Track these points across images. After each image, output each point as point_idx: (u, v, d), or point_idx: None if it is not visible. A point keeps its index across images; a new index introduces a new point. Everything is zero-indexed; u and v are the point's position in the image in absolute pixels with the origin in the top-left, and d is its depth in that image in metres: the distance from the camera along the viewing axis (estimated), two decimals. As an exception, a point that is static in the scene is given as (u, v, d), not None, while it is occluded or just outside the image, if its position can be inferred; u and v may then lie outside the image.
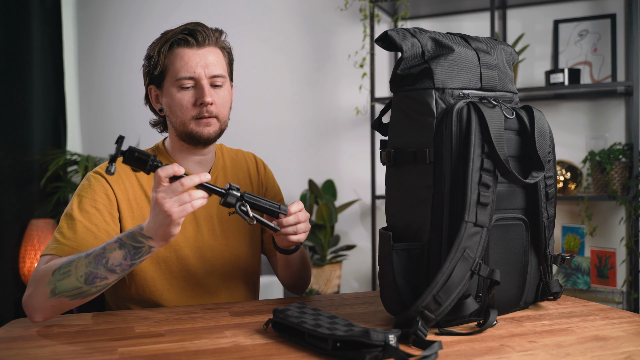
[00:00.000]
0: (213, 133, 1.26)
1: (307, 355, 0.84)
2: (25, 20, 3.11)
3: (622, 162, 2.45)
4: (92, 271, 1.03)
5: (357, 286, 3.13)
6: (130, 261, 1.04)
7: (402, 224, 1.03)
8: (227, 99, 1.28)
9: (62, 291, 1.04)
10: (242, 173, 1.39)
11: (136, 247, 1.02)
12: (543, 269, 1.11)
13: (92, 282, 1.04)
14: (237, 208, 1.03)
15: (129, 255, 1.03)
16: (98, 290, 1.06)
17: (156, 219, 0.99)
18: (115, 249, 1.03)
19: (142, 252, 1.03)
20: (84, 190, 1.22)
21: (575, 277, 2.53)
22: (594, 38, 2.66)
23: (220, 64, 1.27)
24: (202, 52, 1.25)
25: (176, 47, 1.25)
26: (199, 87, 1.23)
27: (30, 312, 1.06)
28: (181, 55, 1.24)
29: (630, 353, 0.84)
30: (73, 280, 1.03)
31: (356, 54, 3.05)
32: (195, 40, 1.24)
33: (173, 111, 1.25)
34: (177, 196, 0.97)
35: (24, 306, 1.08)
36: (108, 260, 1.03)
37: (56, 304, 1.05)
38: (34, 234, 2.95)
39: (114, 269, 1.03)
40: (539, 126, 1.03)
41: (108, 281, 1.05)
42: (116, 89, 3.58)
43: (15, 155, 3.04)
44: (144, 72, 1.30)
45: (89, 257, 1.04)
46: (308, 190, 3.05)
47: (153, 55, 1.26)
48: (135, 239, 1.02)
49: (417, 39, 1.02)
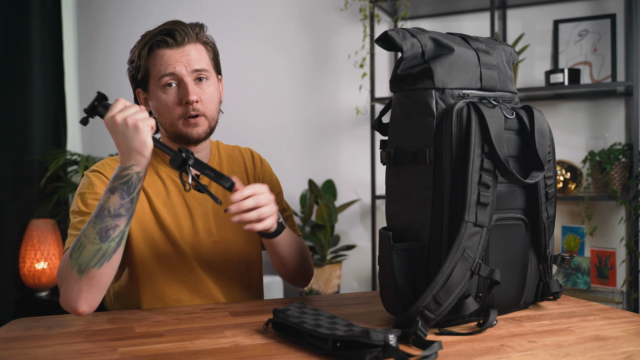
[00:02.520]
0: (202, 133, 1.26)
1: (307, 355, 0.85)
2: (25, 20, 3.11)
3: (622, 162, 2.45)
4: (101, 227, 1.04)
5: (357, 286, 3.13)
6: (129, 197, 1.06)
7: (402, 224, 1.03)
8: (213, 94, 1.27)
9: (87, 263, 1.04)
10: (238, 167, 1.39)
11: (125, 181, 1.05)
12: (543, 269, 1.11)
13: (107, 236, 1.05)
14: (180, 172, 1.04)
15: (124, 192, 1.05)
16: (117, 242, 1.06)
17: (125, 137, 1.04)
18: (110, 197, 1.05)
19: (132, 182, 1.05)
20: (84, 188, 1.23)
21: (575, 277, 2.53)
22: (594, 38, 2.66)
23: (203, 59, 1.26)
24: (183, 50, 1.24)
25: (156, 48, 1.24)
26: (182, 85, 1.23)
27: (72, 305, 1.06)
28: (161, 56, 1.24)
29: (630, 353, 0.84)
30: (89, 246, 1.04)
31: (356, 54, 3.05)
32: (174, 40, 1.24)
33: (161, 113, 1.26)
34: (133, 109, 1.05)
35: (64, 305, 1.08)
36: (109, 209, 1.05)
37: (88, 280, 1.05)
38: (34, 234, 2.95)
39: (118, 212, 1.05)
40: (539, 126, 1.03)
41: (121, 228, 1.06)
42: (116, 89, 3.58)
43: (15, 155, 3.04)
44: (129, 76, 1.31)
45: (92, 220, 1.06)
46: (308, 190, 3.05)
47: (134, 60, 1.27)
48: (119, 177, 1.06)
49: (417, 39, 1.02)
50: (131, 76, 1.31)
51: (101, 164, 1.28)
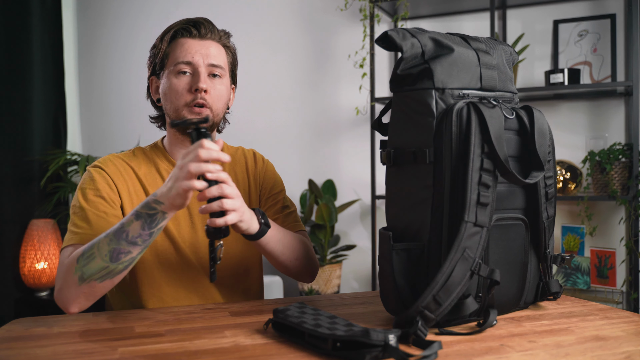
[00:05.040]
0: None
1: (307, 355, 0.85)
2: (25, 20, 3.11)
3: (621, 162, 2.45)
4: (115, 247, 1.04)
5: (357, 286, 3.13)
6: (149, 230, 1.04)
7: (402, 224, 1.03)
8: (223, 92, 1.28)
9: (91, 275, 1.05)
10: (241, 168, 1.39)
11: (150, 214, 1.03)
12: (543, 269, 1.11)
13: (117, 258, 1.05)
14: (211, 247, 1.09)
15: (146, 224, 1.04)
16: (125, 266, 1.07)
17: (177, 180, 1.00)
18: (133, 221, 1.04)
19: (157, 219, 1.04)
20: (86, 183, 1.24)
21: (575, 277, 2.53)
22: (594, 38, 2.66)
23: (221, 58, 1.29)
24: (204, 42, 1.27)
25: (179, 37, 1.27)
26: (195, 74, 1.24)
27: (65, 304, 1.08)
28: (182, 43, 1.26)
29: (630, 353, 0.84)
30: (98, 261, 1.04)
31: (356, 54, 3.05)
32: (198, 31, 1.27)
33: (168, 98, 1.26)
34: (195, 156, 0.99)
35: (57, 301, 1.09)
36: (128, 234, 1.04)
37: (87, 290, 1.06)
38: (34, 234, 2.95)
39: (134, 240, 1.04)
40: (539, 126, 1.03)
41: (132, 255, 1.06)
42: (116, 89, 3.58)
43: (15, 155, 3.04)
44: (148, 63, 1.33)
45: (109, 236, 1.05)
46: (308, 190, 3.05)
47: (157, 45, 1.29)
48: (149, 207, 1.04)
49: (417, 39, 1.02)
50: (150, 62, 1.32)
51: (103, 160, 1.28)
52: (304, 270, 1.32)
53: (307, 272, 1.33)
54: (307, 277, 1.35)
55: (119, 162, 1.28)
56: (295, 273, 1.32)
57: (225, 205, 1.02)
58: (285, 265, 1.28)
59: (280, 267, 1.30)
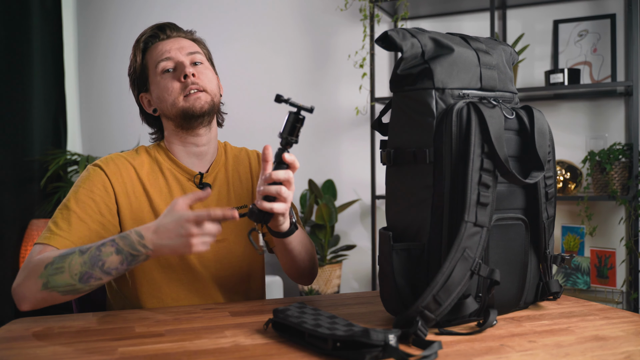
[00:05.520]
0: (205, 104, 1.26)
1: (307, 355, 0.85)
2: (25, 20, 3.11)
3: (621, 162, 2.45)
4: (88, 271, 1.04)
5: (357, 286, 3.13)
6: (127, 266, 1.05)
7: (402, 224, 1.03)
8: (210, 76, 1.31)
9: (55, 286, 1.04)
10: (244, 168, 1.39)
11: (134, 255, 1.04)
12: (543, 269, 1.11)
13: (87, 281, 1.05)
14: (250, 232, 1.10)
15: (125, 261, 1.04)
16: (91, 288, 1.07)
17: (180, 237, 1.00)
18: (112, 254, 1.04)
19: (139, 260, 1.05)
20: (82, 181, 1.24)
21: (575, 277, 2.53)
22: (594, 38, 2.66)
23: (196, 47, 1.33)
24: (174, 40, 1.31)
25: (150, 44, 1.32)
26: (179, 66, 1.27)
27: (20, 300, 1.08)
28: (154, 47, 1.31)
29: (630, 353, 0.84)
30: (67, 277, 1.04)
31: (356, 54, 3.05)
32: (165, 33, 1.31)
33: (162, 98, 1.28)
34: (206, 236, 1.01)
35: (14, 294, 1.09)
36: (104, 264, 1.04)
37: (47, 296, 1.06)
38: (34, 234, 2.95)
39: (109, 271, 1.05)
40: (539, 126, 1.03)
41: (102, 281, 1.06)
42: (116, 89, 3.58)
43: (15, 155, 3.04)
44: (131, 84, 1.36)
45: (84, 257, 1.04)
46: (308, 190, 3.05)
47: (132, 62, 1.33)
48: (133, 247, 1.03)
49: (417, 39, 1.02)
50: (132, 82, 1.35)
51: (105, 160, 1.28)
52: (308, 273, 1.33)
53: (310, 274, 1.35)
54: (309, 279, 1.36)
55: (121, 161, 1.28)
56: (302, 275, 1.33)
57: (283, 192, 1.04)
58: (297, 267, 1.29)
59: (291, 269, 1.30)
